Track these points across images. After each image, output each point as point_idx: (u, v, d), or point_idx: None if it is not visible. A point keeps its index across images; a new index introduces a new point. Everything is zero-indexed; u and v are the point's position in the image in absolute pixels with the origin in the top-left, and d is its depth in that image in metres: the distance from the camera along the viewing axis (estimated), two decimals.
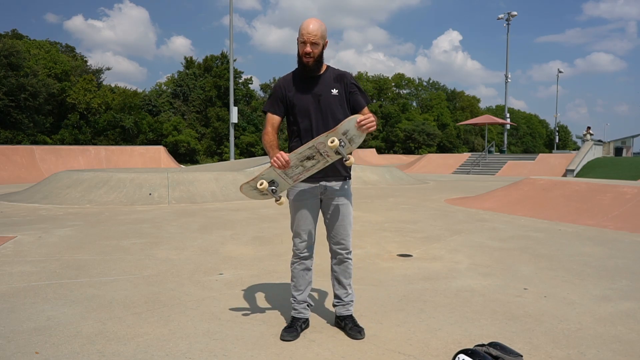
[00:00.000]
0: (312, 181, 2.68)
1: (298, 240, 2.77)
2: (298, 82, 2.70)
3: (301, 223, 2.74)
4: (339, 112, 2.68)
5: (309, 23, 2.58)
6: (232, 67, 23.09)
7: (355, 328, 2.70)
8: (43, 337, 2.62)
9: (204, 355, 2.42)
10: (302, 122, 2.67)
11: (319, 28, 2.58)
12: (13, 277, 3.82)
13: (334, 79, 2.71)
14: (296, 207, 2.75)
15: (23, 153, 17.64)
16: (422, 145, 53.34)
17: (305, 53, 2.58)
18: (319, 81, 2.69)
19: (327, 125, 2.63)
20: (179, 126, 40.61)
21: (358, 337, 2.65)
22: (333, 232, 2.77)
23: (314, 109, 2.65)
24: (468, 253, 4.88)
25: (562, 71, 66.09)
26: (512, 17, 33.89)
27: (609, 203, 7.32)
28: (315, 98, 2.66)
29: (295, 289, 2.81)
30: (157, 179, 9.65)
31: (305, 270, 2.79)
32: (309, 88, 2.67)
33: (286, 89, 2.71)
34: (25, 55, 34.51)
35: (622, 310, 3.14)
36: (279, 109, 2.72)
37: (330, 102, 2.66)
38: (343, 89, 2.71)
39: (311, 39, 2.56)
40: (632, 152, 37.14)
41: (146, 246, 5.08)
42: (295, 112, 2.68)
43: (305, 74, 2.68)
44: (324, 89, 2.67)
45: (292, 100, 2.68)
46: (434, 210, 8.50)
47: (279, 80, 2.78)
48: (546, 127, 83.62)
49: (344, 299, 2.81)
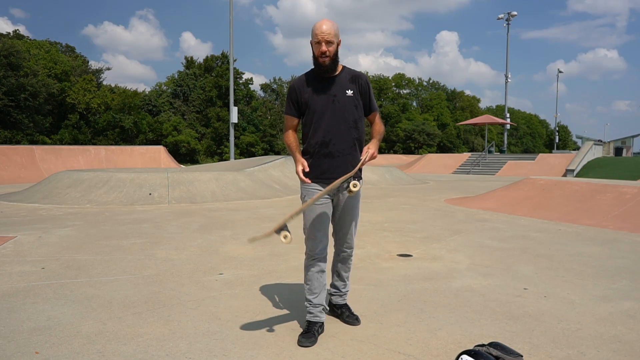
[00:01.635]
0: (325, 182, 2.68)
1: (312, 241, 2.72)
2: (313, 82, 2.70)
3: (316, 223, 2.71)
4: (353, 114, 2.69)
5: (322, 23, 2.59)
6: (232, 67, 23.10)
7: (352, 316, 2.88)
8: (43, 337, 2.62)
9: (204, 355, 2.42)
10: (316, 123, 2.67)
11: (332, 27, 2.59)
12: (13, 277, 3.82)
13: (349, 79, 2.71)
14: (311, 207, 2.72)
15: (23, 153, 17.64)
16: (422, 145, 53.35)
17: (322, 53, 2.58)
18: (334, 82, 2.69)
19: (340, 127, 2.65)
20: (179, 126, 40.58)
21: (355, 324, 2.83)
22: (341, 232, 2.81)
23: (329, 110, 2.66)
24: (468, 253, 4.88)
25: (562, 71, 66.10)
26: (512, 17, 33.90)
27: (609, 203, 7.31)
28: (330, 99, 2.66)
29: (310, 292, 2.74)
30: (157, 179, 9.65)
31: (320, 273, 2.75)
32: (325, 89, 2.67)
33: (301, 90, 2.71)
34: (25, 55, 34.50)
35: (622, 310, 3.14)
36: (295, 111, 2.74)
37: (345, 104, 2.67)
38: (357, 90, 2.71)
39: (326, 38, 2.56)
40: (632, 152, 37.17)
41: (146, 246, 5.08)
42: (309, 113, 2.69)
43: (321, 74, 2.68)
44: (339, 90, 2.68)
45: (307, 101, 2.69)
46: (434, 210, 8.50)
47: (294, 81, 2.79)
48: (546, 127, 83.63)
49: (341, 289, 2.94)
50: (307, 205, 2.61)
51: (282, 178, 12.69)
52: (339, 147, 2.66)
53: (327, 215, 2.72)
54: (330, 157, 2.67)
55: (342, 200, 2.74)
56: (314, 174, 2.68)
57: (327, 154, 2.67)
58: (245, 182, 10.81)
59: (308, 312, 2.73)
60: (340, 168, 2.65)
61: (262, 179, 11.73)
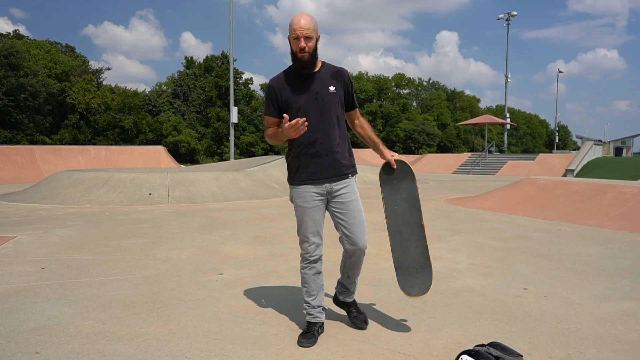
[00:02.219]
0: (316, 182, 2.62)
1: (307, 243, 2.67)
2: (293, 80, 2.61)
3: (309, 225, 2.65)
4: (336, 110, 2.63)
5: (300, 18, 2.50)
6: (232, 67, 23.10)
7: (360, 316, 2.81)
8: (43, 337, 2.62)
9: (204, 355, 2.42)
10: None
11: (311, 21, 2.51)
12: (13, 277, 3.82)
13: (330, 75, 2.62)
14: (302, 209, 2.66)
15: (23, 153, 17.64)
16: (422, 145, 53.30)
17: (300, 48, 2.50)
18: (315, 78, 2.59)
19: (326, 125, 2.58)
20: (179, 126, 40.57)
21: (363, 327, 2.77)
22: (348, 232, 2.65)
23: (313, 108, 2.57)
24: (468, 253, 4.88)
25: (562, 71, 66.12)
26: (512, 17, 33.90)
27: (609, 203, 7.31)
28: (313, 96, 2.58)
29: (308, 294, 2.71)
30: (157, 179, 9.65)
31: (316, 275, 2.71)
32: (305, 86, 2.58)
33: (280, 89, 2.61)
34: (25, 55, 34.49)
35: (622, 310, 3.14)
36: (276, 111, 2.64)
37: (329, 100, 2.60)
38: (340, 86, 2.65)
39: (305, 33, 2.48)
40: (632, 152, 37.17)
41: (146, 246, 5.08)
42: (291, 112, 2.57)
43: (300, 70, 2.58)
44: (321, 86, 2.59)
45: (288, 101, 2.59)
46: (434, 210, 8.50)
47: (271, 80, 2.66)
48: (546, 127, 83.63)
49: (349, 288, 2.86)
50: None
51: (282, 178, 12.68)
52: (326, 146, 2.59)
53: (321, 217, 2.67)
54: (318, 156, 2.60)
55: (339, 200, 2.66)
56: (302, 176, 2.63)
57: (315, 153, 2.59)
58: (245, 182, 10.81)
59: (307, 313, 2.71)
60: (330, 167, 2.60)
61: (262, 179, 11.73)
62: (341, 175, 2.66)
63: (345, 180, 2.67)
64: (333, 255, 4.23)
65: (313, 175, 2.62)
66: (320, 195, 2.65)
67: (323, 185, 2.63)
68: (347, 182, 2.67)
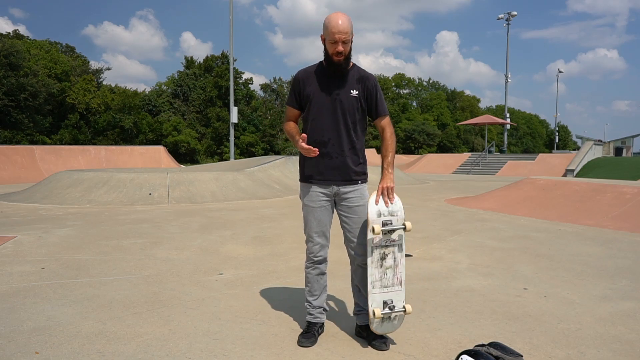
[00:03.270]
0: (324, 183, 2.60)
1: (311, 243, 2.66)
2: (319, 77, 2.58)
3: (314, 225, 2.63)
4: (354, 115, 2.58)
5: (338, 19, 2.41)
6: (232, 67, 23.10)
7: (380, 339, 2.54)
8: (43, 337, 2.62)
9: (204, 355, 2.42)
10: (316, 119, 2.57)
11: (349, 24, 2.43)
12: (13, 277, 3.82)
13: (356, 79, 2.58)
14: (308, 208, 2.64)
15: (23, 153, 17.64)
16: (422, 145, 53.31)
17: (338, 52, 2.44)
18: (341, 80, 2.56)
19: (340, 128, 2.55)
20: (179, 126, 40.57)
21: (383, 349, 2.50)
22: (351, 237, 2.61)
23: (331, 108, 2.55)
24: (468, 253, 4.88)
25: (562, 71, 66.14)
26: (512, 17, 33.90)
27: (609, 203, 7.32)
28: (334, 97, 2.55)
29: (310, 294, 2.70)
30: (157, 179, 9.65)
31: (320, 275, 2.69)
32: (329, 86, 2.56)
33: (305, 83, 2.59)
34: (25, 55, 34.48)
35: (622, 310, 3.14)
36: (297, 103, 2.64)
37: (348, 103, 2.56)
38: (362, 91, 2.59)
39: (343, 38, 2.41)
40: (632, 152, 37.17)
41: (146, 246, 5.08)
42: (310, 108, 2.58)
43: (333, 71, 2.54)
44: (344, 89, 2.55)
45: (310, 96, 2.57)
46: (434, 210, 8.50)
47: (299, 72, 2.64)
48: (546, 127, 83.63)
49: (365, 307, 2.64)
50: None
51: (282, 178, 12.69)
52: (337, 148, 2.57)
53: (326, 218, 2.64)
54: (328, 157, 2.57)
55: (345, 204, 2.61)
56: (310, 175, 2.62)
57: (325, 154, 2.57)
58: (245, 182, 10.81)
59: (308, 313, 2.71)
60: (338, 170, 2.57)
61: (262, 179, 11.73)
62: (349, 180, 2.60)
63: (354, 185, 2.62)
64: (334, 255, 4.23)
65: (320, 175, 2.60)
66: (327, 196, 2.63)
67: (330, 187, 2.61)
68: (355, 187, 2.62)
